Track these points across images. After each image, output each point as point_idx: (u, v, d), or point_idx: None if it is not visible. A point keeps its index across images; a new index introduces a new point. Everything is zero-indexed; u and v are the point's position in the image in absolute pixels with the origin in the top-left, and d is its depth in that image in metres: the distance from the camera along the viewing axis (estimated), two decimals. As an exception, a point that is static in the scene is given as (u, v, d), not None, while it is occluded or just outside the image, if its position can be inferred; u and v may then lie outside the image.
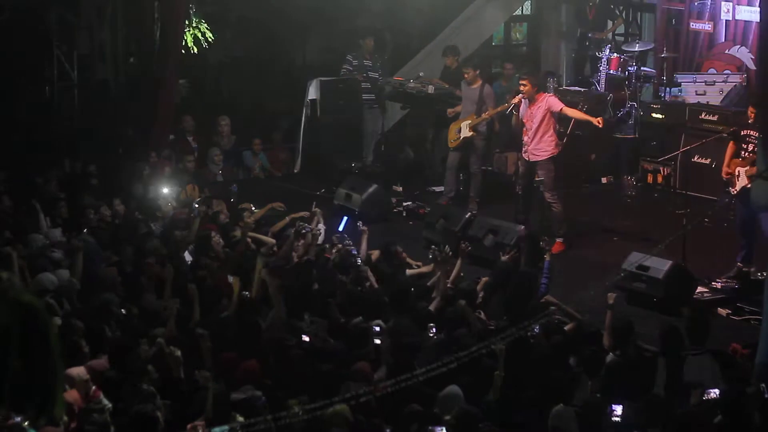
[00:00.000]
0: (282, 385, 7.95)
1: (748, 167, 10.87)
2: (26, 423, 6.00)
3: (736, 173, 11.10)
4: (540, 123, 12.32)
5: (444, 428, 7.04)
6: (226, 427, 6.61)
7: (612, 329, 8.84)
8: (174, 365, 7.87)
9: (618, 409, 7.54)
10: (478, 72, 13.97)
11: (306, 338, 8.77)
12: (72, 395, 7.41)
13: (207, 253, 10.79)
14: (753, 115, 10.97)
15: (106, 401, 7.58)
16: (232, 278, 9.77)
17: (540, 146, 12.36)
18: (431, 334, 8.98)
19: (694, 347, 8.48)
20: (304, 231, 11.09)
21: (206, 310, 9.37)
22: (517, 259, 10.68)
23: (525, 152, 12.52)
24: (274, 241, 11.47)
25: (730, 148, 11.34)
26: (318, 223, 11.91)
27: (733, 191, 11.17)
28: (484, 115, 13.73)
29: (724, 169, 11.31)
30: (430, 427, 7.05)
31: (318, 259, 10.86)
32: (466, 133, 13.86)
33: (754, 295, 10.26)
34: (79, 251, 10.34)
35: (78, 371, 7.67)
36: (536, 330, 8.85)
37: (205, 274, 10.15)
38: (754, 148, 10.72)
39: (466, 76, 14.00)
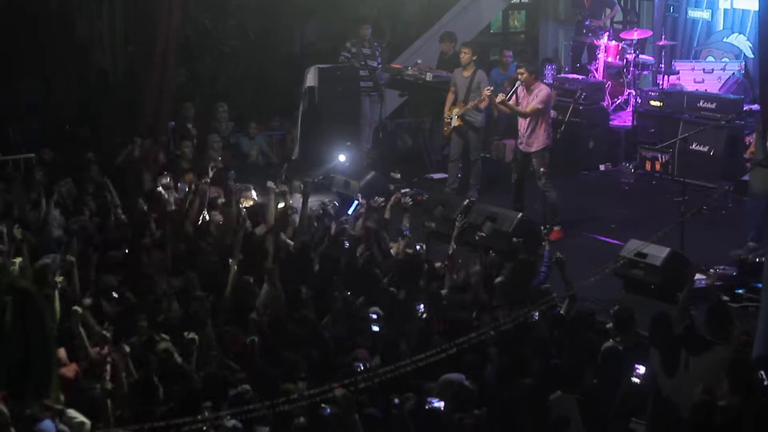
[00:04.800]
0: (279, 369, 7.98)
1: None
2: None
3: None
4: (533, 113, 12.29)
5: (443, 402, 7.06)
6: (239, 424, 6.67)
7: (613, 317, 8.81)
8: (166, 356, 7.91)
9: (641, 369, 7.46)
10: (475, 58, 13.82)
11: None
12: (71, 369, 7.40)
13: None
14: None
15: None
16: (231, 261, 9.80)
17: (533, 137, 12.33)
18: (420, 313, 9.01)
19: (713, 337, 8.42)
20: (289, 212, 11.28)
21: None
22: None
23: (521, 143, 12.51)
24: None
25: None
26: (290, 199, 11.91)
27: None
28: (470, 104, 13.55)
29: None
30: (428, 399, 7.08)
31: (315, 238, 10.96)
32: (455, 122, 13.75)
33: (751, 282, 10.28)
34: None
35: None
36: (535, 317, 8.85)
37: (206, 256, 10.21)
38: None
39: (463, 56, 13.79)
